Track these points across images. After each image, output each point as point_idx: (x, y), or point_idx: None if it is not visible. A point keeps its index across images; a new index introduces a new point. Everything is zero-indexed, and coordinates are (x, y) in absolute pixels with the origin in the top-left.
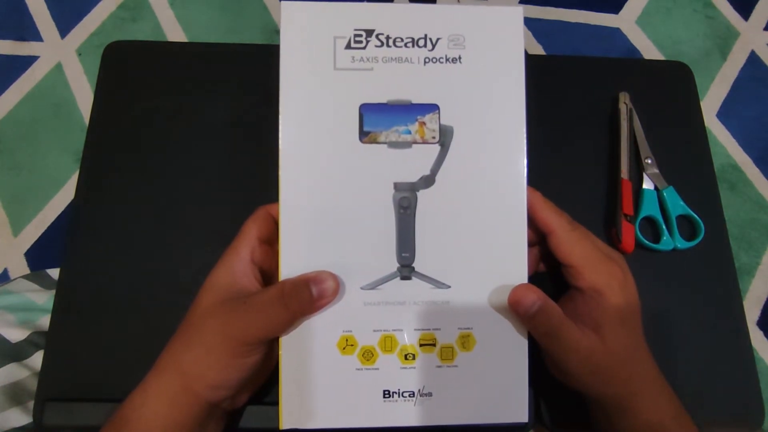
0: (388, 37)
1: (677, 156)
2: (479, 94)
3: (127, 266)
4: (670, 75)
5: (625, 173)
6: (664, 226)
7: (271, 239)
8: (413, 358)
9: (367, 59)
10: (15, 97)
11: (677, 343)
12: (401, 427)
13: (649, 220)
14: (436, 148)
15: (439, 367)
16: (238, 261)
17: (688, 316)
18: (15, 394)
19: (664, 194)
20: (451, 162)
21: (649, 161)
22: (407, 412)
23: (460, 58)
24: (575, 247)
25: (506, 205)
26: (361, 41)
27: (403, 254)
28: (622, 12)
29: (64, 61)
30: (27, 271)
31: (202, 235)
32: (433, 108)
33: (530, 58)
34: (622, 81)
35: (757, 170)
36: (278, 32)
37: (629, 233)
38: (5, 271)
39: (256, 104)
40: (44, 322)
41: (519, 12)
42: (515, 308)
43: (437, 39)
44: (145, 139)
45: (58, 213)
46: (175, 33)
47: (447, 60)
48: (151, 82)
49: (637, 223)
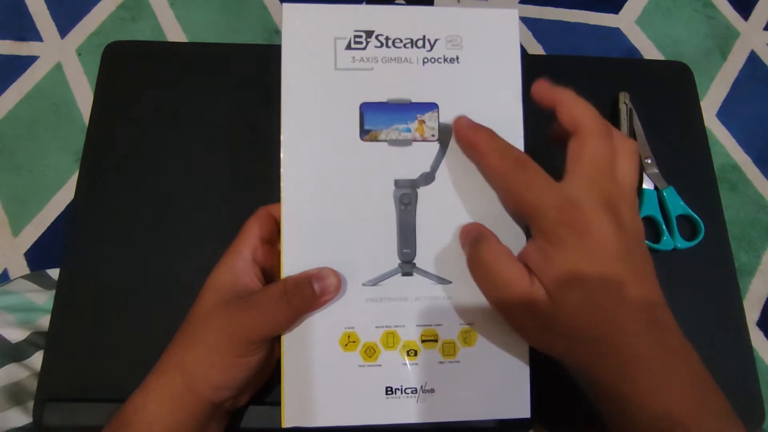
0: (387, 38)
1: (677, 156)
2: (477, 93)
3: (127, 266)
4: (670, 75)
5: None
6: (664, 226)
7: (273, 239)
8: (415, 355)
9: (367, 59)
10: (15, 97)
11: None
12: (403, 425)
13: (649, 220)
14: (436, 146)
15: (441, 363)
16: (240, 260)
17: (688, 316)
18: (15, 394)
19: (664, 194)
20: (450, 159)
21: (649, 161)
22: (410, 409)
23: (457, 58)
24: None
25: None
26: (361, 42)
27: (404, 250)
28: (622, 12)
29: (63, 61)
30: (27, 271)
31: (202, 235)
32: (433, 107)
33: (530, 58)
34: (622, 81)
35: (757, 170)
36: (278, 32)
37: None
38: (5, 271)
39: (256, 104)
40: (44, 322)
41: (514, 14)
42: (461, 242)
43: (435, 40)
44: (145, 139)
45: (58, 213)
46: (175, 33)
47: (445, 60)
48: (151, 82)
49: None
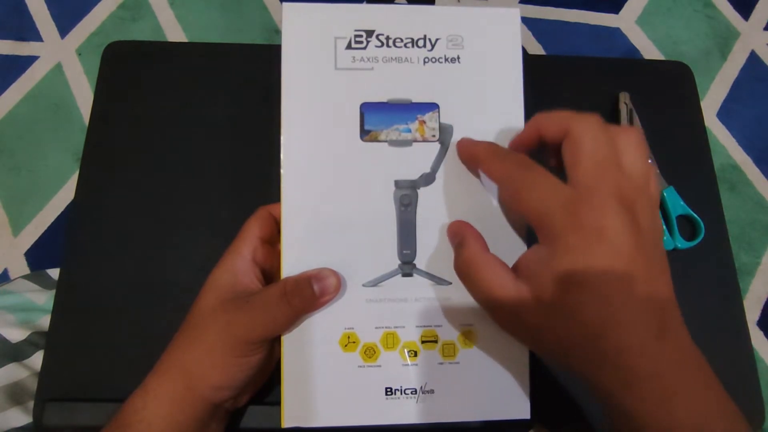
0: (388, 38)
1: (677, 156)
2: (478, 94)
3: (127, 266)
4: (670, 75)
5: None
6: (665, 226)
7: (273, 239)
8: (415, 355)
9: (368, 59)
10: (15, 97)
11: None
12: (403, 425)
13: None
14: (436, 146)
15: (441, 363)
16: (240, 260)
17: (688, 316)
18: (15, 394)
19: (665, 194)
20: (451, 160)
21: (650, 161)
22: (409, 410)
23: (458, 58)
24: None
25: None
26: (362, 42)
27: (404, 251)
28: (622, 12)
29: (64, 61)
30: (27, 271)
31: (202, 235)
32: (433, 107)
33: (530, 58)
34: (622, 81)
35: (757, 170)
36: (278, 32)
37: None
38: (5, 271)
39: (257, 104)
40: (44, 322)
41: (516, 13)
42: (450, 241)
43: (436, 39)
44: (145, 139)
45: (58, 213)
46: (175, 33)
47: (446, 60)
48: (151, 82)
49: None
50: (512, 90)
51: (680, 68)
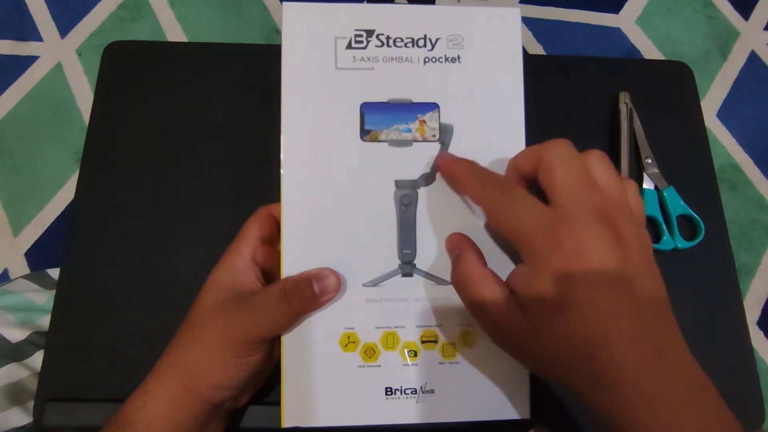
0: (388, 38)
1: (677, 156)
2: (478, 93)
3: (127, 266)
4: (670, 75)
5: (625, 173)
6: (665, 226)
7: (272, 239)
8: (415, 355)
9: (368, 59)
10: (15, 97)
11: None
12: (403, 425)
13: (650, 220)
14: (437, 146)
15: (441, 363)
16: (240, 260)
17: (688, 316)
18: (15, 394)
19: (665, 194)
20: None
21: (650, 161)
22: (409, 410)
23: (459, 57)
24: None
25: None
26: (362, 41)
27: (405, 251)
28: (622, 12)
29: (64, 61)
30: (27, 271)
31: (202, 235)
32: (433, 107)
33: (530, 58)
34: (622, 81)
35: (757, 170)
36: (278, 32)
37: None
38: (5, 271)
39: (257, 104)
40: (44, 322)
41: (516, 13)
42: (448, 253)
43: (437, 39)
44: (145, 139)
45: (58, 213)
46: (175, 33)
47: (446, 60)
48: (151, 82)
49: None
50: (512, 90)
51: (680, 68)
